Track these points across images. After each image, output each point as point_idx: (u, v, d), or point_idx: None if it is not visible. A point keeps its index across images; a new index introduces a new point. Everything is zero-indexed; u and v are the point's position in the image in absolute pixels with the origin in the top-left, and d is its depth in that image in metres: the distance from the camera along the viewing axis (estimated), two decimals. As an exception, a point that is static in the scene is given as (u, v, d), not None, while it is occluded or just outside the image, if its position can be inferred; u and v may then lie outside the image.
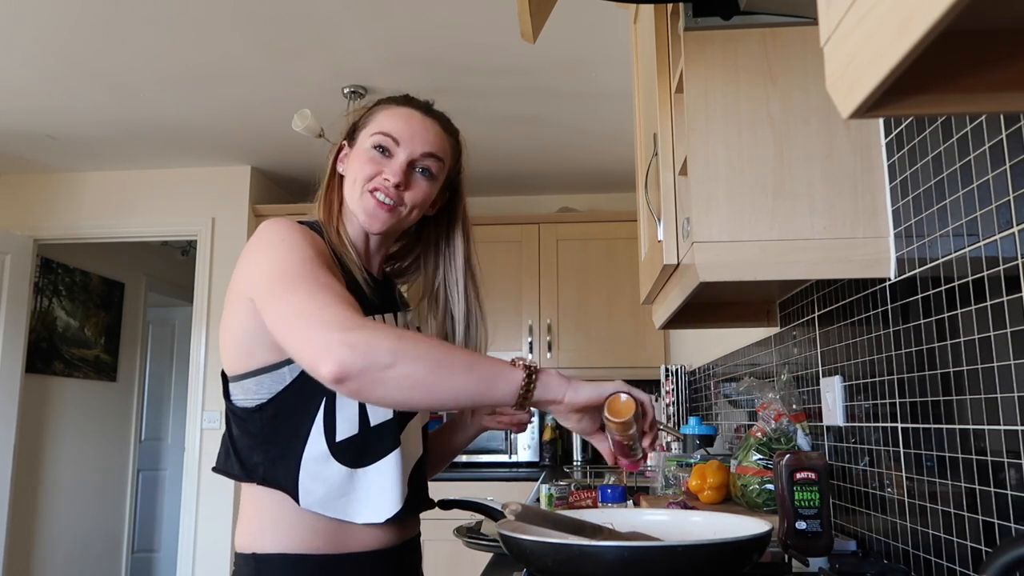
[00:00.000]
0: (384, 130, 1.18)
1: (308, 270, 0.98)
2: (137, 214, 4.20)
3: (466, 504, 1.54)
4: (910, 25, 0.39)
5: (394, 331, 0.92)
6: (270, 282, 0.98)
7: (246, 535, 1.10)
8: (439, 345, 0.93)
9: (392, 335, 0.90)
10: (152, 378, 5.74)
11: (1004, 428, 0.96)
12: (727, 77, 1.34)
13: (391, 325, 0.98)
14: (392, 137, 1.18)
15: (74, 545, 4.64)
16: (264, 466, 1.08)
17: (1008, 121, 0.94)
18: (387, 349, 0.87)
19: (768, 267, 1.30)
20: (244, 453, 1.10)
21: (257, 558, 1.07)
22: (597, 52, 2.90)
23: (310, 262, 1.00)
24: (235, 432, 1.12)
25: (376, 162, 1.18)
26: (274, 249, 1.03)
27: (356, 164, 1.19)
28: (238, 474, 1.10)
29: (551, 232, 4.23)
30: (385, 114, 1.21)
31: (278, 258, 1.01)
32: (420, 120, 1.21)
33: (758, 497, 1.58)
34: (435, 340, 0.96)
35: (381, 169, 1.17)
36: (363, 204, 1.17)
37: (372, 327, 0.90)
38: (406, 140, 1.18)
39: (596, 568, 0.90)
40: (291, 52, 2.89)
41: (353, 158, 1.21)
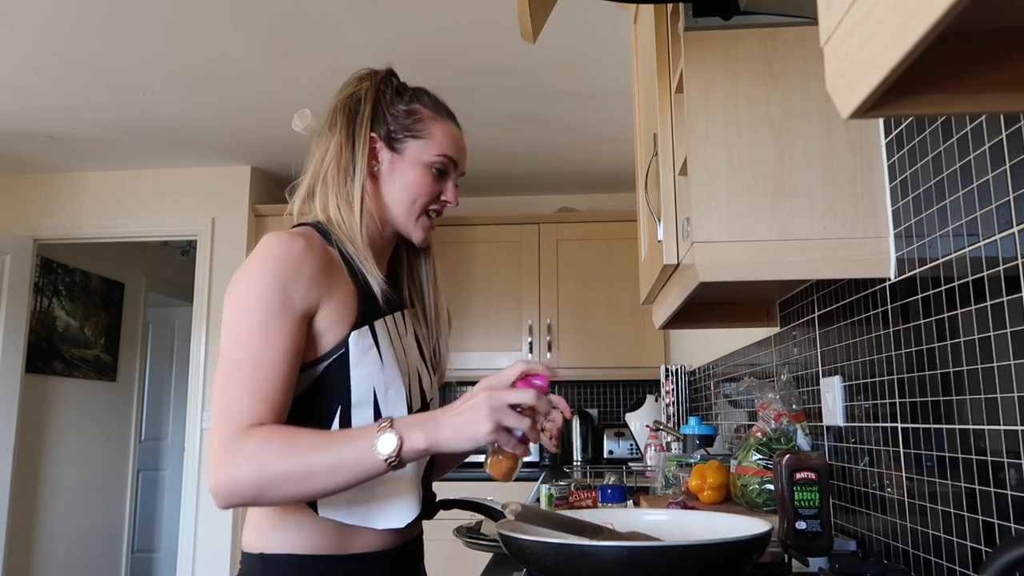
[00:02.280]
0: (448, 153, 1.19)
1: (252, 348, 1.00)
2: (137, 214, 4.20)
3: (466, 504, 1.54)
4: (910, 25, 0.39)
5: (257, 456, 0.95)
6: (224, 348, 1.03)
7: (254, 535, 1.10)
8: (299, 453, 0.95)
9: (254, 464, 0.95)
10: (152, 378, 5.74)
11: (1004, 428, 0.96)
12: (727, 77, 1.34)
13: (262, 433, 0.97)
14: (453, 162, 1.21)
15: (74, 545, 4.64)
16: None
17: (1008, 121, 0.94)
18: (250, 485, 0.95)
19: (768, 267, 1.30)
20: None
21: (265, 558, 1.07)
22: (597, 52, 2.90)
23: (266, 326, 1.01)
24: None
25: (435, 184, 1.19)
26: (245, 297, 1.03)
27: (416, 182, 1.18)
28: None
29: (551, 232, 4.23)
30: (441, 131, 1.20)
31: (242, 312, 1.03)
32: (462, 139, 1.24)
33: (758, 497, 1.58)
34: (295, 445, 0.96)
35: (439, 191, 1.20)
36: (421, 223, 1.19)
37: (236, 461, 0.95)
38: (460, 162, 1.22)
39: (596, 568, 0.90)
40: (291, 52, 2.89)
41: (406, 171, 1.18)
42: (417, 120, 1.19)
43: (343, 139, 1.18)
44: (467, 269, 4.20)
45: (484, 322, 4.16)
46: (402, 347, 1.17)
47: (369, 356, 1.10)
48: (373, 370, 1.10)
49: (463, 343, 4.11)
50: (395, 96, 1.21)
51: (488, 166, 4.14)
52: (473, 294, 4.17)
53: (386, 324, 1.15)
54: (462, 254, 4.22)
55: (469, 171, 4.22)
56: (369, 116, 1.18)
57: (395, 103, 1.20)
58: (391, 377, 1.11)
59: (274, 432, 0.98)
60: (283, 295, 1.03)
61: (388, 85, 1.22)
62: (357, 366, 1.09)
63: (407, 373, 1.16)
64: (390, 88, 1.21)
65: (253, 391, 0.99)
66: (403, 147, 1.19)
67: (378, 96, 1.20)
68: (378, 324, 1.13)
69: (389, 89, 1.21)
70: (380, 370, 1.11)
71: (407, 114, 1.20)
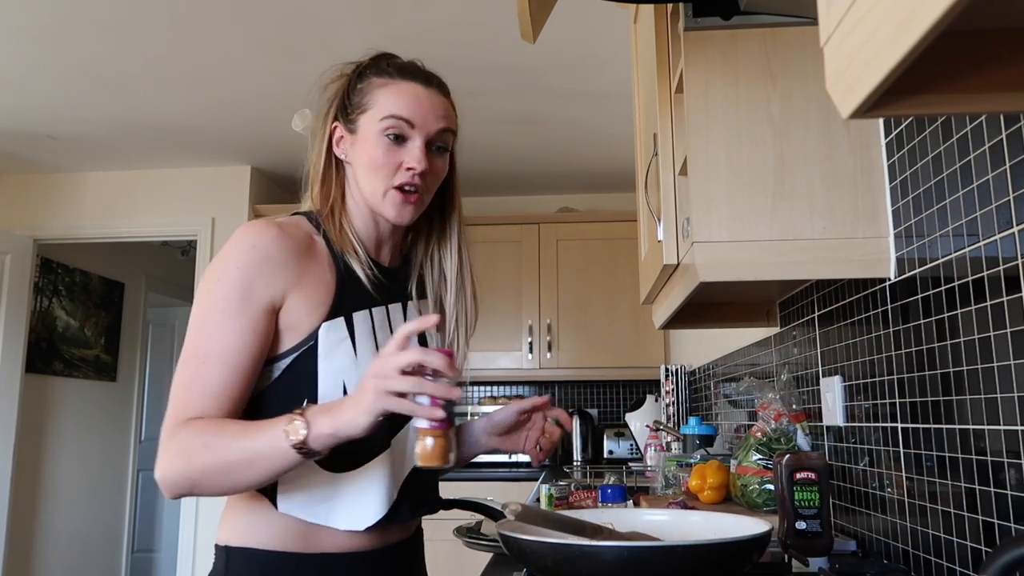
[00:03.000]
0: (394, 113, 1.09)
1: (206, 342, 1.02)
2: (137, 214, 4.20)
3: (466, 504, 1.54)
4: (910, 25, 0.39)
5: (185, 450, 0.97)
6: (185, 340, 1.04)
7: (224, 527, 1.09)
8: (219, 447, 0.96)
9: (183, 458, 0.97)
10: (152, 378, 5.74)
11: (1004, 428, 0.96)
12: (727, 77, 1.34)
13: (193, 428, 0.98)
14: (406, 120, 1.10)
15: (74, 545, 4.64)
16: None
17: (1008, 121, 0.94)
18: (181, 478, 0.97)
19: (768, 267, 1.30)
20: None
21: (228, 550, 1.06)
22: (597, 52, 2.90)
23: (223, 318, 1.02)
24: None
25: (393, 152, 1.10)
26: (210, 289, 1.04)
27: (368, 154, 1.10)
28: None
29: (551, 232, 4.23)
30: (387, 94, 1.11)
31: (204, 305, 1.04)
32: (427, 96, 1.12)
33: (758, 497, 1.58)
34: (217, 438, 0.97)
35: (400, 159, 1.10)
36: (390, 200, 1.11)
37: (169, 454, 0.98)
38: (420, 121, 1.10)
39: (596, 568, 0.90)
40: (291, 52, 2.89)
41: (360, 146, 1.12)
42: (365, 93, 1.13)
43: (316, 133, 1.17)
44: (467, 269, 4.19)
45: (484, 322, 4.13)
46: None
47: (341, 349, 1.06)
48: (344, 363, 1.06)
49: (463, 343, 4.10)
50: (356, 79, 1.16)
51: (488, 166, 4.14)
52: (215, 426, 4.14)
53: (371, 316, 1.10)
54: (462, 254, 4.21)
55: (469, 171, 4.22)
56: (334, 107, 1.15)
57: (355, 86, 1.15)
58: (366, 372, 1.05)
59: (205, 425, 0.98)
60: (245, 287, 1.02)
61: (356, 71, 1.17)
62: (326, 359, 1.05)
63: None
64: (356, 73, 1.17)
65: (198, 385, 1.00)
66: (355, 125, 1.13)
67: (345, 85, 1.16)
68: (358, 316, 1.09)
69: (355, 75, 1.16)
70: (352, 364, 1.06)
71: (359, 91, 1.14)
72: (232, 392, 1.01)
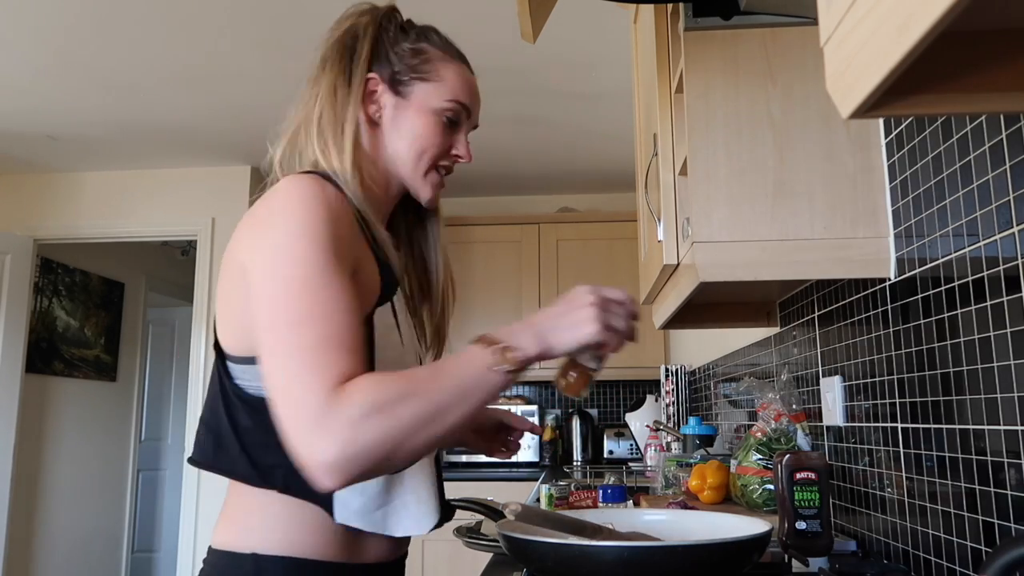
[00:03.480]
0: (461, 100, 1.04)
1: (316, 292, 0.82)
2: (137, 214, 4.20)
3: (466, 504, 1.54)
4: (910, 25, 0.39)
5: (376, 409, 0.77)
6: (271, 311, 0.83)
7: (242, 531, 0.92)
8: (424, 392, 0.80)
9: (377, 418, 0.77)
10: (152, 378, 5.74)
11: (1004, 428, 0.96)
12: (727, 77, 1.34)
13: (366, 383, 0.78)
14: (466, 109, 1.05)
15: (74, 545, 4.64)
16: (284, 471, 0.89)
17: (1008, 121, 0.94)
18: (380, 443, 0.77)
19: (768, 267, 1.30)
20: (256, 451, 0.91)
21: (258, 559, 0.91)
22: (597, 52, 2.90)
23: (324, 267, 0.84)
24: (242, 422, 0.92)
25: (445, 134, 1.04)
26: (289, 245, 0.85)
27: (423, 130, 1.02)
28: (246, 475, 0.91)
29: (551, 232, 4.23)
30: (454, 74, 1.04)
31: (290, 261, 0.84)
32: (477, 85, 1.08)
33: (758, 497, 1.58)
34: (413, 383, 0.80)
35: (450, 144, 1.04)
36: (430, 181, 1.04)
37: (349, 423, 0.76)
38: (473, 111, 1.07)
39: (596, 568, 0.90)
40: (291, 52, 2.89)
41: (411, 116, 1.02)
42: (425, 60, 1.04)
43: (336, 79, 1.02)
44: (467, 269, 4.20)
45: (484, 322, 4.16)
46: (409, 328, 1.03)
47: (391, 339, 0.95)
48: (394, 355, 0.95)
49: (462, 343, 4.10)
50: (399, 32, 1.05)
51: (488, 166, 4.14)
52: (473, 294, 4.17)
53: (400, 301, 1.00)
54: (462, 254, 4.22)
55: (469, 171, 4.23)
56: (368, 53, 1.03)
57: (399, 40, 1.05)
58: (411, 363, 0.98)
59: (381, 379, 0.79)
60: (334, 238, 0.87)
61: (391, 20, 1.06)
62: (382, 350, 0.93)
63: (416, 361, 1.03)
64: (393, 23, 1.06)
65: (334, 343, 0.80)
66: (409, 90, 1.03)
67: (379, 32, 1.05)
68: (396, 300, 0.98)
69: (392, 24, 1.06)
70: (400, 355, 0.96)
71: (414, 53, 1.04)
72: (364, 351, 0.85)
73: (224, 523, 0.95)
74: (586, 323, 0.84)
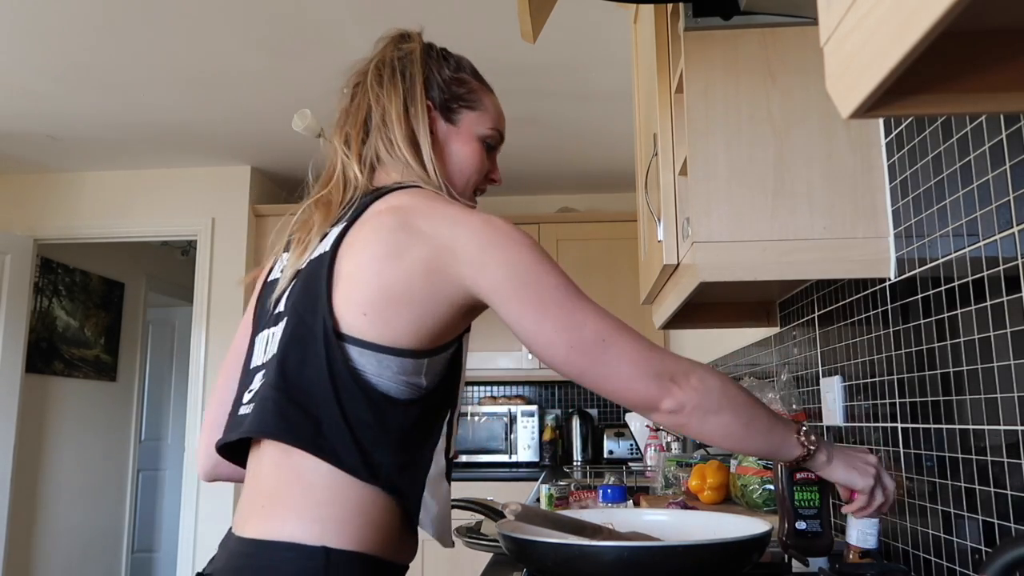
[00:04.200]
0: (500, 128, 1.14)
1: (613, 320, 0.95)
2: (137, 214, 4.20)
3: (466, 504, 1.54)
4: (910, 25, 0.39)
5: (716, 376, 0.94)
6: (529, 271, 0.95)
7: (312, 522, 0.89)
8: (748, 401, 0.96)
9: (718, 380, 0.94)
10: (152, 378, 5.74)
11: (1004, 428, 0.96)
12: (727, 77, 1.34)
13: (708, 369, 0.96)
14: (502, 137, 1.15)
15: (74, 545, 4.64)
16: (390, 469, 0.91)
17: (1008, 121, 0.94)
18: (717, 394, 0.93)
19: (768, 267, 1.30)
20: (370, 446, 0.91)
21: (329, 552, 0.88)
22: (597, 52, 2.90)
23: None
24: (362, 417, 0.91)
25: (484, 158, 1.12)
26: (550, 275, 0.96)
27: (471, 155, 1.10)
28: (354, 467, 0.90)
29: (551, 232, 4.23)
30: (491, 103, 1.14)
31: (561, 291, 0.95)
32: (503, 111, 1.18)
33: (758, 497, 1.58)
34: (744, 392, 0.97)
35: (488, 167, 1.14)
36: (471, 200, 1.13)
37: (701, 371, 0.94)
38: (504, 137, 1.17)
39: (596, 568, 0.90)
40: (291, 52, 2.89)
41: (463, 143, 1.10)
42: (469, 90, 1.12)
43: (399, 103, 1.07)
44: (467, 269, 4.20)
45: (484, 322, 4.14)
46: None
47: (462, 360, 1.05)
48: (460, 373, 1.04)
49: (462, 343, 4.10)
50: (442, 61, 1.13)
51: (488, 166, 4.14)
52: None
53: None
54: (462, 254, 4.21)
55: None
56: (423, 80, 1.09)
57: (443, 67, 1.12)
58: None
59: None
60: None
61: (432, 48, 1.14)
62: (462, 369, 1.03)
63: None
64: (434, 51, 1.13)
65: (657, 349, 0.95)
66: (458, 118, 1.11)
67: (426, 59, 1.11)
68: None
69: (434, 52, 1.13)
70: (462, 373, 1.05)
71: (458, 82, 1.12)
72: None
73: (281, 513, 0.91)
74: (866, 475, 1.02)
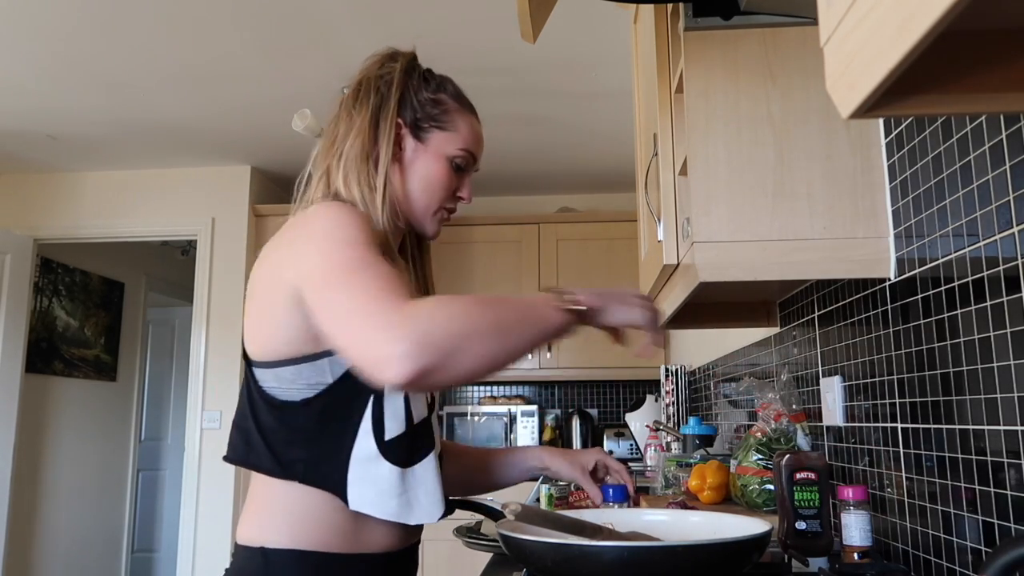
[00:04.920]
0: (471, 149, 1.17)
1: (362, 259, 0.92)
2: (137, 214, 4.20)
3: (466, 504, 1.54)
4: (910, 25, 0.39)
5: (447, 308, 0.86)
6: (324, 276, 0.92)
7: (254, 526, 1.03)
8: (489, 305, 0.89)
9: (447, 315, 0.85)
10: (152, 378, 5.74)
11: (1004, 428, 0.96)
12: (727, 77, 1.34)
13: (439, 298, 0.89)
14: (474, 158, 1.18)
15: (74, 545, 4.64)
16: (305, 464, 1.01)
17: (1008, 121, 0.94)
18: (448, 335, 0.83)
19: (768, 267, 1.30)
20: (280, 447, 1.02)
21: (266, 552, 1.01)
22: (597, 52, 2.90)
23: (365, 250, 0.94)
24: (269, 423, 1.03)
25: (453, 178, 1.16)
26: (329, 241, 0.95)
27: (434, 172, 1.14)
28: (270, 468, 1.03)
29: (551, 232, 4.23)
30: (465, 125, 1.17)
31: (332, 250, 0.94)
32: (482, 133, 1.21)
33: (758, 497, 1.58)
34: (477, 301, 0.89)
35: (456, 186, 1.17)
36: (437, 219, 1.17)
37: (425, 313, 0.84)
38: (478, 158, 1.20)
39: (596, 568, 0.90)
40: (291, 52, 2.89)
41: (427, 160, 1.15)
42: (444, 110, 1.16)
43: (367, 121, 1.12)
44: (467, 269, 4.20)
45: (484, 322, 4.16)
46: None
47: None
48: None
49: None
50: (422, 82, 1.17)
51: (488, 166, 4.14)
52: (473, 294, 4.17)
53: None
54: (462, 254, 4.22)
55: (469, 171, 4.23)
56: (397, 100, 1.14)
57: (422, 89, 1.16)
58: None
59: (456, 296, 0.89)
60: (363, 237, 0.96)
61: (415, 69, 1.18)
62: None
63: None
64: (417, 73, 1.18)
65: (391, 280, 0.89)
66: (428, 136, 1.15)
67: (406, 80, 1.16)
68: None
69: (416, 73, 1.17)
70: None
71: (434, 103, 1.16)
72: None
73: (243, 519, 1.06)
74: (632, 308, 1.04)
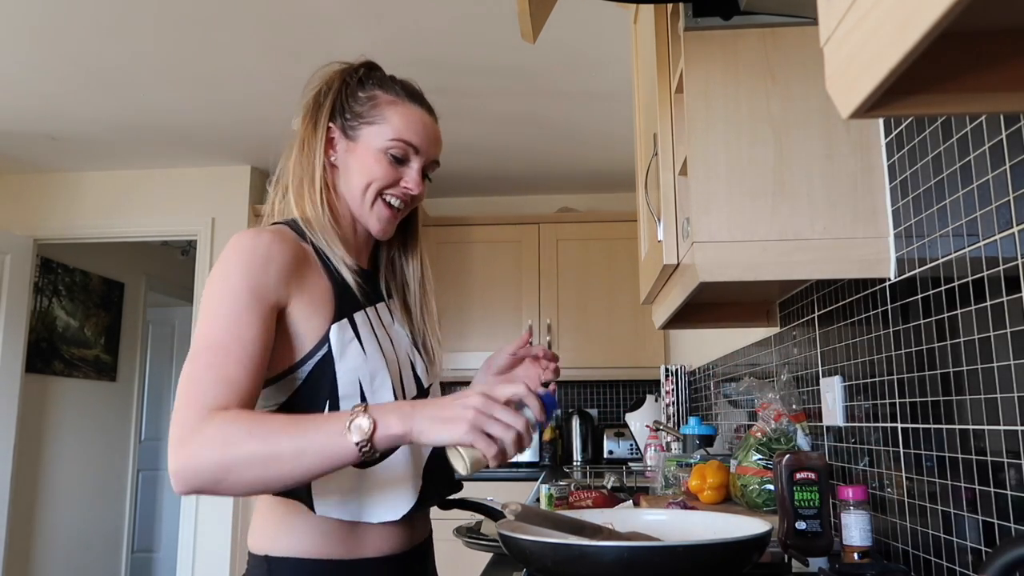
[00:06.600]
0: (404, 138, 1.15)
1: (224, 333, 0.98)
2: (137, 214, 4.20)
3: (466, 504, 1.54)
4: (910, 25, 0.39)
5: (220, 438, 0.90)
6: (193, 344, 1.00)
7: (261, 536, 1.08)
8: (265, 436, 0.90)
9: (217, 445, 0.90)
10: (152, 378, 5.74)
11: (1004, 428, 0.96)
12: (727, 77, 1.34)
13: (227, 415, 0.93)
14: (412, 146, 1.16)
15: (74, 545, 4.64)
16: None
17: (1008, 121, 0.94)
18: (212, 467, 0.90)
19: (768, 267, 1.30)
20: None
21: (270, 560, 1.05)
22: (597, 52, 2.90)
23: (241, 310, 0.99)
24: None
25: (392, 170, 1.15)
26: (214, 298, 1.01)
27: (367, 167, 1.15)
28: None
29: (551, 232, 4.23)
30: (398, 115, 1.16)
31: (208, 310, 1.01)
32: (431, 125, 1.19)
33: (758, 497, 1.58)
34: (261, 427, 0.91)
35: (398, 177, 1.16)
36: (376, 212, 1.16)
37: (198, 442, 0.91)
38: (423, 148, 1.17)
39: (596, 568, 0.90)
40: (291, 52, 2.89)
41: (359, 156, 1.16)
42: (373, 106, 1.17)
43: (306, 134, 1.17)
44: (467, 269, 4.20)
45: (484, 322, 4.16)
46: (387, 336, 1.15)
47: (351, 349, 1.08)
48: (357, 363, 1.08)
49: (463, 343, 4.11)
50: (357, 85, 1.19)
51: (488, 166, 4.14)
52: (473, 294, 4.17)
53: (367, 315, 1.13)
54: (462, 254, 4.22)
55: (469, 171, 4.23)
56: (329, 108, 1.17)
57: (356, 92, 1.18)
58: (376, 367, 1.09)
59: (240, 415, 0.93)
60: (252, 285, 1.01)
61: (353, 76, 1.19)
62: (341, 360, 1.07)
63: (395, 361, 1.14)
64: (354, 79, 1.19)
65: (217, 374, 0.95)
66: (357, 134, 1.16)
67: (341, 87, 1.18)
68: (358, 316, 1.11)
69: (353, 80, 1.19)
70: (364, 362, 1.09)
71: (365, 100, 1.17)
72: (250, 385, 0.98)
73: (251, 527, 1.11)
74: (457, 424, 0.89)
